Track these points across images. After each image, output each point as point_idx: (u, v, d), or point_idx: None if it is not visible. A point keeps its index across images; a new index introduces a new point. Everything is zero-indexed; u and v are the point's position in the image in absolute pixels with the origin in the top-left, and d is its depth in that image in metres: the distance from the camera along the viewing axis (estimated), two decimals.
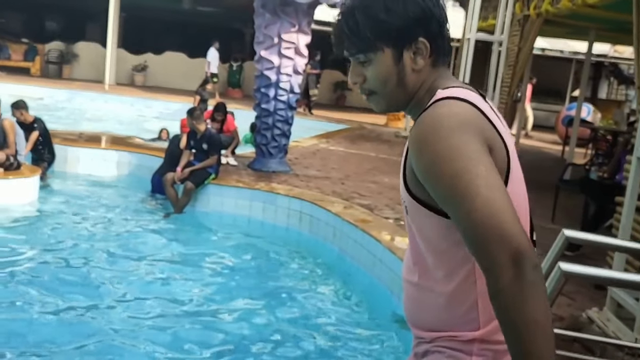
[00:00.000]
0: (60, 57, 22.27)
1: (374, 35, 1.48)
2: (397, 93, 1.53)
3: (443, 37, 1.51)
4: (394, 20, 1.46)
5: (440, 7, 1.51)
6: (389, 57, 1.49)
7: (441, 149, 1.33)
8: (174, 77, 21.78)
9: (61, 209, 7.74)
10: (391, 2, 1.47)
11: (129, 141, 10.57)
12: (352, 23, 1.49)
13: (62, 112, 14.92)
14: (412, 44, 1.48)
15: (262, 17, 8.64)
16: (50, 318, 4.78)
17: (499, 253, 1.24)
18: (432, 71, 1.52)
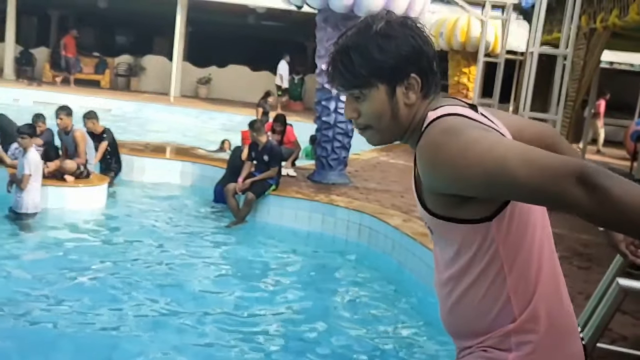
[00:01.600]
0: (129, 70, 22.99)
1: (368, 73, 1.55)
2: (391, 126, 1.61)
3: (433, 71, 1.59)
4: (388, 59, 1.54)
5: (430, 45, 1.58)
6: (383, 93, 1.57)
7: (455, 150, 1.39)
8: (237, 90, 22.18)
9: (127, 216, 7.99)
10: (384, 42, 1.54)
11: (193, 152, 10.81)
12: (346, 61, 1.56)
13: (129, 123, 15.38)
14: (404, 80, 1.56)
15: (323, 31, 8.74)
16: (113, 316, 4.94)
17: (564, 189, 1.26)
18: (424, 102, 1.59)
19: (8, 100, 17.43)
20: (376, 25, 1.57)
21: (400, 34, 1.56)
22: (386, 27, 1.57)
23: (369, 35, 1.56)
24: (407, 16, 1.64)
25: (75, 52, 20.96)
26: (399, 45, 1.54)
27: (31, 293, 5.30)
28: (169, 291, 5.64)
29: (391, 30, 1.56)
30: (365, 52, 1.55)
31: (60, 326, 4.75)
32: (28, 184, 7.12)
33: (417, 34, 1.57)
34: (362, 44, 1.56)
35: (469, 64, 16.46)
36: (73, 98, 14.71)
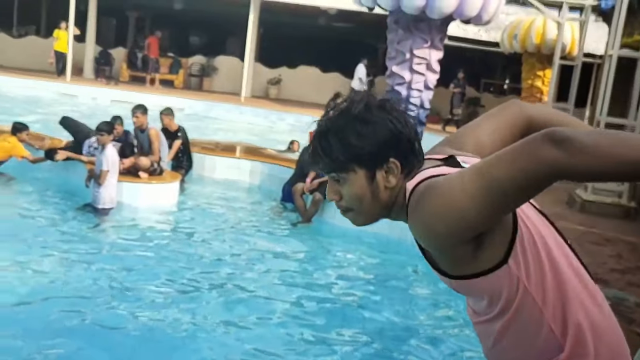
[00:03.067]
0: (202, 70, 23.50)
1: (346, 159, 1.54)
2: (373, 208, 1.59)
3: (414, 152, 1.57)
4: (365, 144, 1.52)
5: (409, 126, 1.57)
6: (362, 178, 1.55)
7: (440, 203, 1.40)
8: (306, 91, 22.35)
9: (197, 213, 8.18)
10: (362, 127, 1.53)
11: (262, 151, 10.96)
12: (325, 145, 1.55)
13: (201, 123, 15.72)
14: (383, 164, 1.54)
15: (394, 32, 8.72)
16: (182, 310, 5.06)
17: (539, 157, 1.29)
18: (406, 180, 1.57)
19: (87, 99, 18.13)
20: (355, 109, 1.56)
21: (378, 119, 1.54)
22: (364, 112, 1.55)
23: (347, 119, 1.55)
24: (387, 98, 1.61)
25: (157, 53, 21.57)
26: (377, 131, 1.53)
27: (107, 284, 5.49)
28: (235, 287, 5.74)
29: (369, 115, 1.55)
30: (343, 138, 1.53)
31: (131, 319, 4.91)
32: (105, 179, 7.38)
33: (396, 118, 1.56)
34: (340, 129, 1.55)
35: (544, 67, 16.09)
36: (148, 97, 15.13)
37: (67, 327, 4.62)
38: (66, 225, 7.06)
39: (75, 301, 5.10)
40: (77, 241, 6.62)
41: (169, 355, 4.46)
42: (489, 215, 1.40)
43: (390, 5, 8.38)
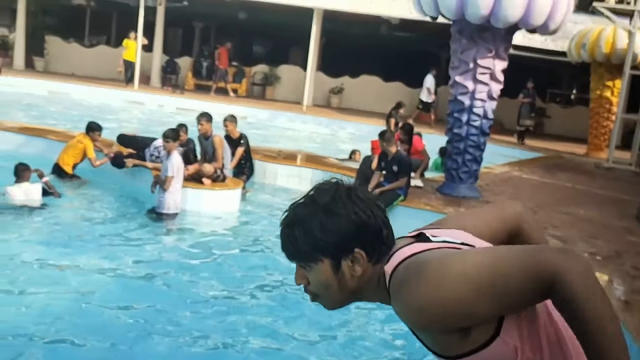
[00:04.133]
0: (265, 79, 23.80)
1: (311, 249, 1.55)
2: (340, 296, 1.61)
3: (381, 241, 1.56)
4: (329, 237, 1.54)
5: (376, 217, 1.56)
6: (328, 267, 1.57)
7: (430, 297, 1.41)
8: (368, 100, 22.36)
9: (258, 220, 8.27)
10: (326, 220, 1.54)
11: (323, 160, 11.02)
12: (291, 236, 1.57)
13: (263, 131, 15.91)
14: (349, 254, 1.55)
15: (458, 42, 8.64)
16: (241, 313, 5.13)
17: (536, 290, 1.38)
18: (376, 267, 1.57)
19: (154, 106, 18.61)
20: (321, 200, 1.57)
21: (343, 211, 1.54)
22: (330, 203, 1.55)
23: (312, 211, 1.56)
24: (356, 188, 1.61)
25: (227, 64, 21.95)
26: (342, 223, 1.54)
27: (168, 288, 5.62)
28: (296, 294, 5.77)
29: (335, 206, 1.55)
30: (308, 229, 1.55)
31: (189, 323, 5.00)
32: (170, 185, 7.56)
33: (362, 209, 1.55)
34: (304, 220, 1.56)
35: (613, 77, 15.65)
36: (212, 106, 15.41)
37: (129, 329, 4.74)
38: (131, 229, 7.26)
39: (136, 305, 5.23)
40: (141, 245, 6.80)
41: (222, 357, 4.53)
42: (478, 314, 1.42)
43: (454, 15, 8.30)
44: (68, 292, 5.27)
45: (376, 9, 19.08)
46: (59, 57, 23.61)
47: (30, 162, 8.02)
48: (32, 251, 6.15)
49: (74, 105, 16.78)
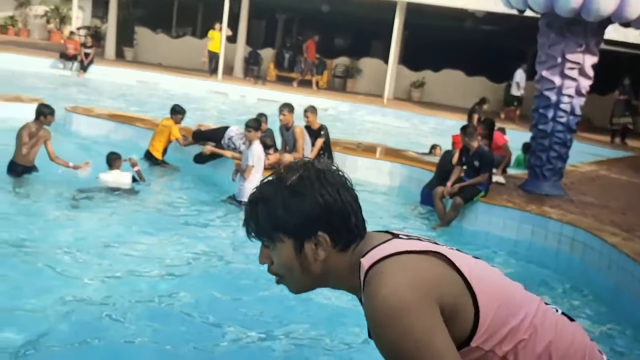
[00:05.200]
0: (346, 72, 23.82)
1: (273, 228, 1.53)
2: (303, 279, 1.57)
3: (348, 228, 1.53)
4: (291, 217, 1.50)
5: (344, 202, 1.52)
6: (290, 247, 1.53)
7: (395, 335, 1.39)
8: (450, 95, 22.04)
9: None
10: (290, 200, 1.51)
11: (403, 153, 10.94)
12: (254, 212, 1.55)
13: (343, 123, 15.95)
14: (312, 237, 1.51)
15: (546, 36, 8.39)
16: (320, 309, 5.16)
17: None
18: (342, 254, 1.54)
19: (236, 97, 18.97)
20: (288, 179, 1.53)
21: (309, 192, 1.51)
22: (297, 183, 1.52)
23: (278, 189, 1.53)
24: (326, 170, 1.56)
25: (314, 56, 22.12)
26: (306, 205, 1.50)
27: (241, 277, 5.70)
28: None
29: (301, 186, 1.51)
30: (271, 208, 1.52)
31: (263, 310, 5.07)
32: (250, 174, 7.69)
33: (329, 192, 1.51)
34: (269, 198, 1.53)
35: None
36: (293, 97, 15.56)
37: (206, 315, 4.85)
38: (211, 216, 7.43)
39: (212, 290, 5.31)
40: (219, 231, 6.95)
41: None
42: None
43: (542, 8, 8.07)
44: (145, 275, 5.45)
45: (462, 2, 18.76)
46: (147, 48, 24.38)
47: (118, 148, 8.35)
48: (116, 233, 6.40)
49: (160, 94, 17.30)
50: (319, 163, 1.58)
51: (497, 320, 1.49)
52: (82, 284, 5.04)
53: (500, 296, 1.52)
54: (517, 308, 1.52)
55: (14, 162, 7.68)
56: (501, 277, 1.60)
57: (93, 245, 5.95)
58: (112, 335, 4.31)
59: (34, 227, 6.22)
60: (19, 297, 4.68)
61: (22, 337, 4.11)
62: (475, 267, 1.55)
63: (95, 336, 4.29)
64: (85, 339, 4.24)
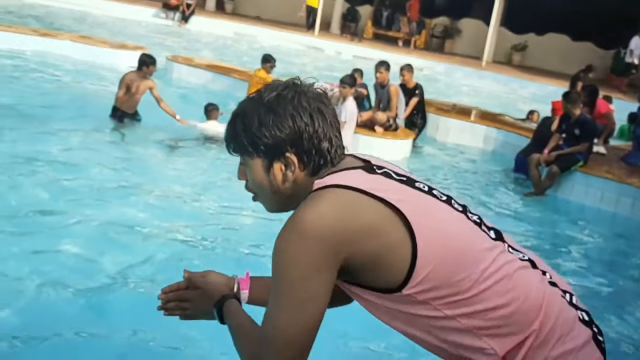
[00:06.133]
0: (444, 32, 23.25)
1: (245, 144, 1.54)
2: (274, 199, 1.58)
3: (319, 152, 1.52)
4: (263, 135, 1.51)
5: (317, 125, 1.51)
6: (260, 166, 1.54)
7: (286, 257, 1.40)
8: (553, 60, 21.13)
9: (427, 173, 8.21)
10: (264, 117, 1.51)
11: (499, 118, 10.65)
12: (232, 128, 1.57)
13: (438, 84, 15.65)
14: (281, 157, 1.51)
15: None
16: None
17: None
18: (312, 179, 1.52)
19: (332, 53, 18.92)
20: (267, 96, 1.53)
21: (282, 112, 1.50)
22: (274, 101, 1.51)
23: (256, 105, 1.53)
24: (307, 92, 1.53)
25: (417, 16, 21.71)
26: (278, 124, 1.50)
27: None
28: None
29: (277, 105, 1.51)
30: (246, 123, 1.53)
31: None
32: (342, 130, 7.67)
33: (303, 114, 1.50)
34: (246, 113, 1.54)
35: None
36: (389, 55, 15.34)
37: None
38: None
39: None
40: None
41: None
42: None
43: None
44: (237, 217, 5.59)
45: None
46: (246, 0, 24.56)
47: (215, 98, 8.52)
48: (209, 181, 6.56)
49: (257, 47, 17.48)
50: (303, 85, 1.56)
51: (441, 276, 1.42)
52: (177, 227, 5.22)
53: (450, 252, 1.44)
54: (469, 265, 1.44)
55: (115, 107, 7.99)
56: (462, 229, 1.51)
57: (187, 190, 6.14)
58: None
59: (129, 171, 6.46)
60: (115, 233, 4.90)
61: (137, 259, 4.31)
62: (433, 215, 1.48)
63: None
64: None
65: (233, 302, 1.65)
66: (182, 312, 1.79)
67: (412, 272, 1.41)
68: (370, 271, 1.44)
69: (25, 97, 8.65)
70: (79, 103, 8.70)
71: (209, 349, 3.48)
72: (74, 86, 9.88)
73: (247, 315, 1.60)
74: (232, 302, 1.65)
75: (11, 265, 4.09)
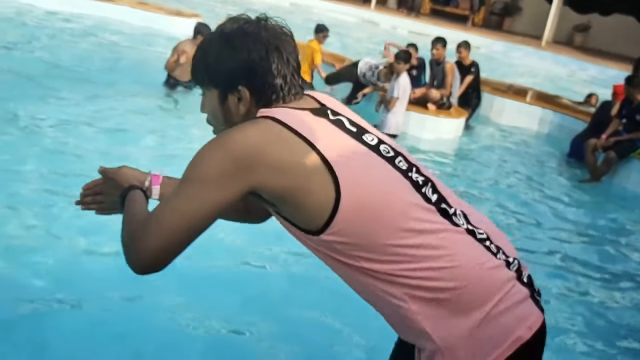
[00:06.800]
0: (504, 10, 22.65)
1: (203, 75, 1.58)
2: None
3: (272, 87, 1.53)
4: (218, 67, 1.54)
5: (272, 62, 1.52)
6: (215, 97, 1.58)
7: (199, 159, 1.45)
8: (617, 42, 20.39)
9: (478, 154, 8.07)
10: (221, 49, 1.53)
11: (555, 100, 10.37)
12: (196, 57, 1.59)
13: (495, 63, 15.30)
14: (234, 90, 1.54)
15: None
16: None
17: (130, 261, 1.45)
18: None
19: (387, 27, 18.69)
20: (227, 28, 1.55)
21: (238, 45, 1.52)
22: (232, 33, 1.54)
23: (216, 37, 1.56)
24: (269, 27, 1.56)
25: None
26: (231, 56, 1.52)
27: None
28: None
29: (234, 37, 1.53)
30: (205, 54, 1.56)
31: None
32: (394, 106, 7.58)
33: (258, 49, 1.51)
34: (207, 44, 1.57)
35: None
36: (445, 32, 15.03)
37: None
38: None
39: None
40: None
41: None
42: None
43: None
44: None
45: None
46: None
47: None
48: None
49: (313, 19, 17.36)
50: (268, 22, 1.57)
51: (361, 231, 1.45)
52: None
53: (374, 209, 1.45)
54: (391, 223, 1.46)
55: (169, 75, 8.05)
56: (395, 188, 1.50)
57: None
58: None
59: (180, 138, 6.50)
60: None
61: None
62: (366, 170, 1.49)
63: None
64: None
65: (138, 192, 1.66)
66: (97, 206, 1.83)
67: (331, 221, 1.44)
68: (289, 207, 1.48)
69: (82, 61, 8.80)
70: (135, 69, 8.80)
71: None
72: (130, 52, 10.00)
73: (147, 208, 1.61)
74: (137, 193, 1.66)
75: (59, 227, 4.18)
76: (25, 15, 11.21)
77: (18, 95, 6.74)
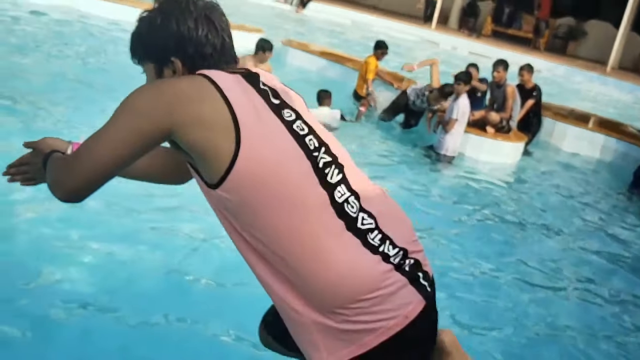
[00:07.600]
0: (569, 33, 22.22)
1: (139, 48, 1.62)
2: None
3: (202, 56, 1.58)
4: (150, 41, 1.59)
5: (200, 33, 1.57)
6: (152, 70, 1.62)
7: (127, 101, 1.50)
8: None
9: (536, 181, 7.87)
10: (153, 22, 1.58)
11: (620, 128, 10.08)
12: (132, 33, 1.63)
13: (557, 87, 14.98)
14: (167, 63, 1.59)
15: None
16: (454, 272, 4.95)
17: (56, 190, 1.55)
18: None
19: (447, 47, 18.52)
20: (166, 4, 1.59)
21: (169, 17, 1.56)
22: (166, 9, 1.58)
23: (154, 12, 1.59)
24: (204, 3, 1.60)
25: (548, 15, 20.85)
26: (163, 29, 1.56)
27: (427, 225, 5.60)
28: (551, 275, 5.41)
29: (165, 10, 1.58)
30: (141, 28, 1.60)
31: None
32: (452, 127, 7.47)
33: (187, 20, 1.56)
34: (143, 18, 1.60)
35: None
36: (507, 54, 14.84)
37: None
38: (407, 162, 7.36)
39: None
40: (412, 177, 6.86)
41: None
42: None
43: None
44: None
45: None
46: None
47: (328, 85, 8.48)
48: None
49: (372, 37, 17.35)
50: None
51: (249, 199, 1.48)
52: None
53: (267, 181, 1.48)
54: (280, 200, 1.48)
55: None
56: (295, 165, 1.52)
57: None
58: None
59: None
60: None
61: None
62: (271, 142, 1.51)
63: None
64: None
65: (59, 154, 1.70)
66: (21, 177, 1.87)
67: (227, 176, 1.47)
68: (197, 157, 1.51)
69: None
70: None
71: None
72: None
73: None
74: (58, 155, 1.70)
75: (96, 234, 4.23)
76: (89, 25, 11.48)
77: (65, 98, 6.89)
